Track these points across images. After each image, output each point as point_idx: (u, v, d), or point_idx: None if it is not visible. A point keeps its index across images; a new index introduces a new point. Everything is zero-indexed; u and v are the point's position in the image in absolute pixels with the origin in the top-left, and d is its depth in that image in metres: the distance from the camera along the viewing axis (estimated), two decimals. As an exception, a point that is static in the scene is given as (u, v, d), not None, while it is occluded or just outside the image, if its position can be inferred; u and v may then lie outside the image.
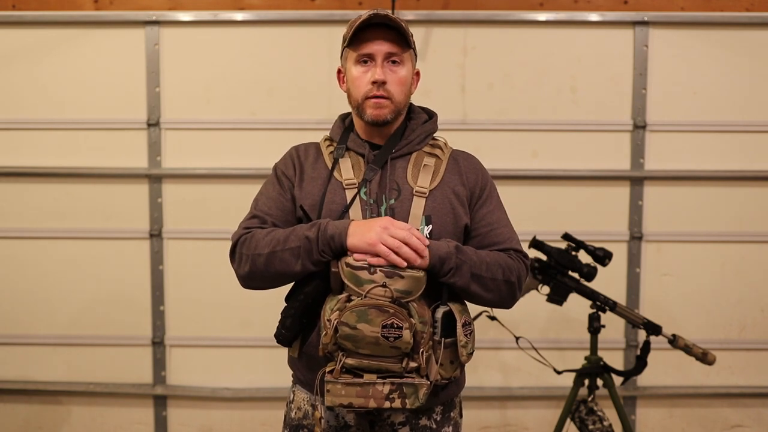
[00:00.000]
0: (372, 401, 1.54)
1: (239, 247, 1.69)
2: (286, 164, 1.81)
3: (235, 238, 1.71)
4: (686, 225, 3.39)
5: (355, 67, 1.74)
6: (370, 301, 1.53)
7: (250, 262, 1.66)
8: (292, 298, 1.69)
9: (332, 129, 1.86)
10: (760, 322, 3.45)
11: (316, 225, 1.62)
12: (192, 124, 3.36)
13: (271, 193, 1.78)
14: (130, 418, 3.51)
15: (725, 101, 3.36)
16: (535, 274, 2.76)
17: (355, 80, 1.74)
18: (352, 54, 1.75)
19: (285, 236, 1.64)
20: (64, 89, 3.36)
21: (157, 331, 3.43)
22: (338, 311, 1.54)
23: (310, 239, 1.60)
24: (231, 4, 3.36)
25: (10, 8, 3.37)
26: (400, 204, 1.72)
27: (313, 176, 1.76)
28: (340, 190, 1.73)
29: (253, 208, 1.77)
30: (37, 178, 3.39)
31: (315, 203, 1.72)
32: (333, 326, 1.53)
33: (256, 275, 1.68)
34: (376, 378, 1.55)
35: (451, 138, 3.43)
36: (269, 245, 1.65)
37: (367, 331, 1.52)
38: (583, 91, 3.35)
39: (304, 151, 1.83)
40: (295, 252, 1.62)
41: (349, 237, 1.58)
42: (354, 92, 1.75)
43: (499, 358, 3.45)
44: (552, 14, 3.32)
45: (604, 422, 2.79)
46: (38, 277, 3.43)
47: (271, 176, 1.82)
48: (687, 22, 3.32)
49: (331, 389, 1.54)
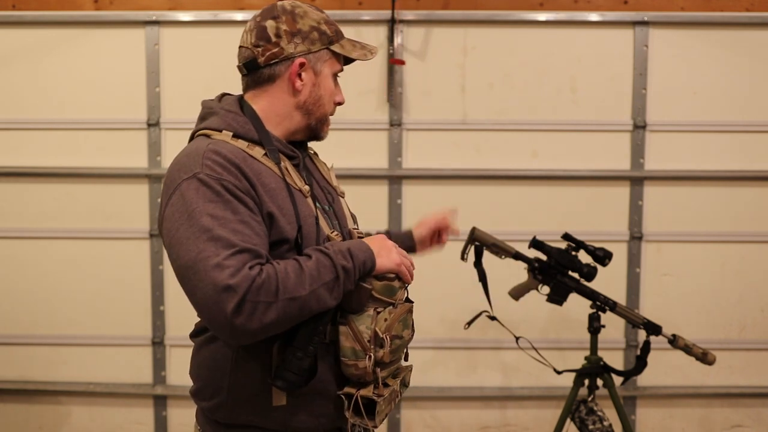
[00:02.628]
0: (392, 404, 1.55)
1: (253, 295, 1.31)
2: (231, 175, 1.42)
3: (242, 283, 1.31)
4: (686, 225, 3.39)
5: (332, 80, 1.62)
6: (406, 306, 1.55)
7: (279, 310, 1.34)
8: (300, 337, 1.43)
9: (230, 123, 1.55)
10: (760, 322, 3.45)
11: (342, 252, 1.44)
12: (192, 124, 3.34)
13: (234, 216, 1.38)
14: (130, 418, 3.50)
15: (725, 101, 3.36)
16: (535, 274, 2.76)
17: (330, 94, 1.61)
18: (335, 64, 1.61)
19: (315, 270, 1.40)
20: (64, 89, 3.36)
21: (157, 331, 3.43)
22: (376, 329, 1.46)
23: (347, 269, 1.42)
24: (231, 4, 3.36)
25: (10, 8, 3.37)
26: (337, 207, 1.65)
27: (270, 187, 1.48)
28: (303, 201, 1.53)
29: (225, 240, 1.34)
30: (37, 178, 3.39)
31: (293, 220, 1.48)
32: (388, 343, 1.46)
33: (281, 324, 1.37)
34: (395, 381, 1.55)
35: (452, 138, 3.47)
36: (303, 285, 1.37)
37: (407, 336, 1.54)
38: (583, 91, 3.35)
39: (235, 155, 1.46)
40: (331, 285, 1.41)
41: (377, 259, 1.49)
42: (327, 105, 1.61)
43: (499, 358, 3.45)
44: (552, 14, 3.32)
45: (604, 422, 2.78)
46: (38, 277, 3.43)
47: (210, 193, 1.39)
48: (687, 22, 3.32)
49: (380, 409, 1.47)
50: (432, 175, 3.36)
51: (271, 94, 1.59)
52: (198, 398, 1.58)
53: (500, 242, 2.67)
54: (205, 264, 1.33)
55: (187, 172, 1.43)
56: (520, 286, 2.79)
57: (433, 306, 3.40)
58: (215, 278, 1.31)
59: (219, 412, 1.53)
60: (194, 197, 1.39)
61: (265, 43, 1.56)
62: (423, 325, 3.42)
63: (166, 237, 1.44)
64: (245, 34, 1.60)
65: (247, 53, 1.60)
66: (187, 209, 1.39)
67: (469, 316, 2.73)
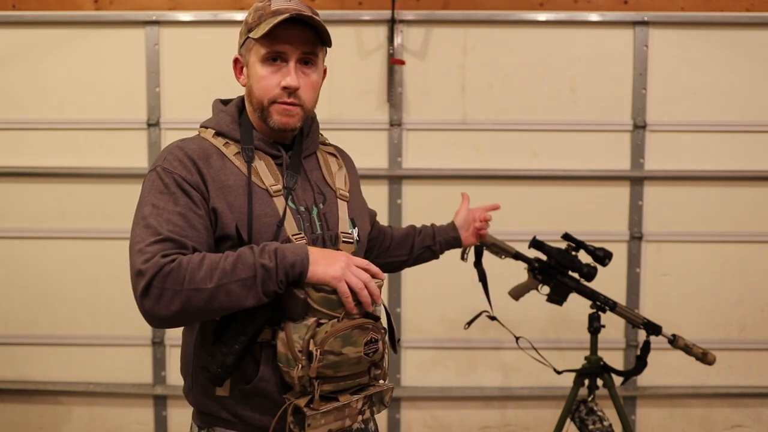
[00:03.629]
0: (347, 420, 1.47)
1: (159, 281, 1.37)
2: (185, 170, 1.48)
3: (150, 269, 1.38)
4: (686, 225, 3.39)
5: (262, 66, 1.55)
6: (352, 322, 1.43)
7: (183, 299, 1.37)
8: (229, 333, 1.44)
9: (218, 122, 1.62)
10: (760, 322, 3.45)
11: (268, 251, 1.41)
12: (192, 124, 3.31)
13: (174, 208, 1.44)
14: (130, 418, 3.50)
15: (725, 101, 3.36)
16: (535, 274, 2.76)
17: (262, 80, 1.55)
18: (259, 48, 1.54)
19: (231, 266, 1.39)
20: (64, 89, 3.36)
21: (157, 331, 3.43)
22: (312, 339, 1.40)
23: (267, 268, 1.39)
24: (231, 4, 3.36)
25: (10, 8, 3.37)
26: (328, 209, 1.62)
27: (227, 184, 1.50)
28: (267, 200, 1.52)
29: (154, 228, 1.42)
30: (37, 178, 3.39)
31: (243, 217, 1.48)
32: (317, 357, 1.38)
33: (189, 313, 1.39)
34: (351, 397, 1.47)
35: (452, 138, 3.46)
36: (212, 278, 1.37)
37: (351, 354, 1.42)
38: (583, 91, 3.35)
39: (198, 151, 1.52)
40: (247, 283, 1.38)
41: (311, 265, 1.41)
42: (258, 93, 1.56)
43: (499, 358, 3.45)
44: (552, 14, 3.32)
45: (604, 422, 2.78)
46: (38, 277, 3.43)
47: (161, 184, 1.47)
48: (687, 22, 3.32)
49: (312, 422, 1.40)
50: (432, 175, 3.36)
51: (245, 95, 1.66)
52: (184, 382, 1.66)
53: (500, 242, 2.67)
54: (133, 248, 1.45)
55: (153, 165, 1.55)
56: (520, 286, 2.79)
57: (433, 306, 3.40)
58: (134, 262, 1.43)
59: (190, 397, 1.62)
60: (149, 188, 1.51)
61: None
62: (423, 325, 3.44)
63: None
64: None
65: None
66: (141, 198, 1.52)
67: (469, 316, 2.73)
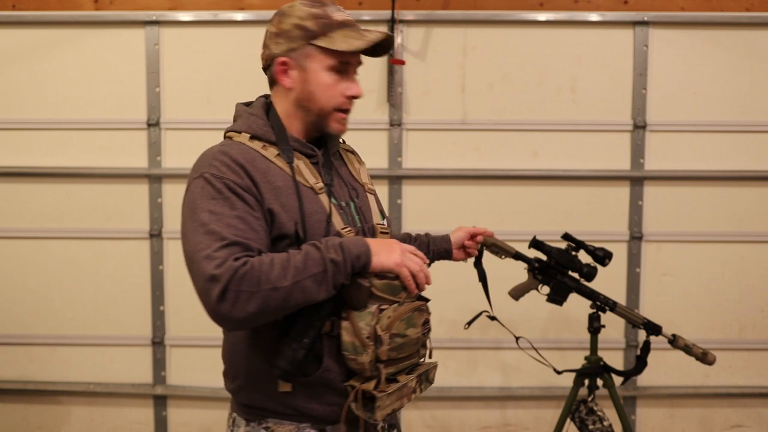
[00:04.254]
0: (405, 399, 1.57)
1: (235, 284, 1.39)
2: (234, 174, 1.51)
3: (225, 273, 1.40)
4: (686, 225, 3.39)
5: (328, 74, 1.61)
6: (412, 305, 1.55)
7: (260, 300, 1.41)
8: (296, 329, 1.50)
9: (250, 125, 1.64)
10: (760, 322, 3.45)
11: (333, 246, 1.48)
12: (192, 124, 3.37)
13: (232, 212, 1.48)
14: (130, 418, 3.50)
15: (725, 101, 3.36)
16: (535, 274, 2.76)
17: (329, 88, 1.61)
18: (325, 58, 1.60)
19: (302, 263, 1.44)
20: (64, 89, 3.36)
21: (157, 331, 3.43)
22: (377, 325, 1.49)
23: (336, 262, 1.46)
24: (231, 4, 3.36)
25: (10, 8, 3.37)
26: (362, 202, 1.70)
27: (276, 185, 1.55)
28: (313, 197, 1.59)
29: (218, 233, 1.44)
30: (37, 178, 3.39)
31: (297, 217, 1.54)
32: (386, 341, 1.49)
33: (266, 313, 1.43)
34: (408, 377, 1.57)
35: (451, 138, 3.47)
36: (286, 276, 1.42)
37: (413, 335, 1.54)
38: (583, 91, 3.35)
39: (243, 155, 1.55)
40: (319, 278, 1.45)
41: (374, 255, 1.51)
42: (323, 100, 1.61)
43: (499, 358, 3.45)
44: (552, 14, 3.32)
45: (604, 422, 2.78)
46: (38, 277, 3.43)
47: (212, 190, 1.50)
48: (687, 22, 3.32)
49: (380, 404, 1.50)
50: (432, 175, 3.36)
51: (276, 95, 1.67)
52: (226, 380, 1.69)
53: (500, 242, 2.66)
54: (198, 255, 1.44)
55: (197, 172, 1.55)
56: (520, 286, 2.79)
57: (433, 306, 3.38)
58: (204, 268, 1.42)
59: (240, 395, 1.64)
60: (199, 195, 1.50)
61: (263, 48, 1.66)
62: (423, 325, 3.44)
63: (181, 231, 1.55)
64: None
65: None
66: (192, 205, 1.51)
67: (469, 316, 2.73)
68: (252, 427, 1.62)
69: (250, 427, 1.63)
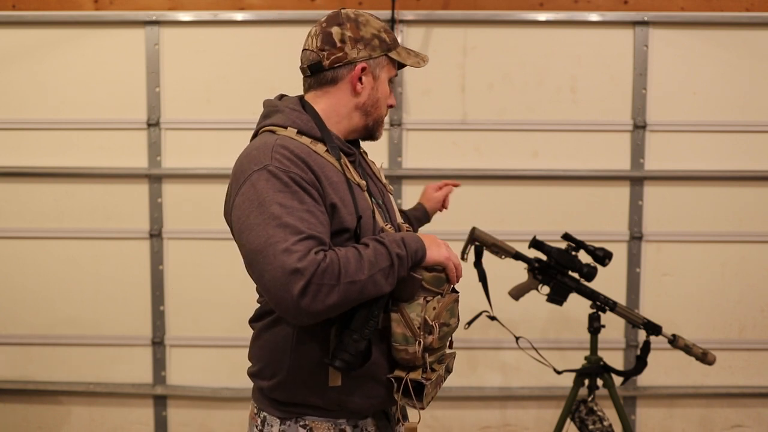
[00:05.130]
0: (438, 387, 1.63)
1: (318, 278, 1.41)
2: (298, 168, 1.53)
3: (309, 266, 1.41)
4: (686, 225, 3.39)
5: (388, 84, 1.73)
6: (453, 296, 1.62)
7: (341, 293, 1.44)
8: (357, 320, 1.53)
9: (295, 120, 1.65)
10: (760, 322, 3.45)
11: (396, 241, 1.53)
12: (192, 124, 3.37)
13: (301, 206, 1.49)
14: (130, 418, 3.51)
15: (725, 101, 3.36)
16: (535, 274, 2.76)
17: (386, 97, 1.73)
18: (391, 68, 1.72)
19: (373, 257, 1.49)
20: (64, 89, 3.36)
21: (157, 331, 3.43)
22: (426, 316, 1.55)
23: (401, 257, 1.51)
24: (231, 4, 3.36)
25: (10, 8, 3.37)
26: (387, 202, 1.77)
27: (333, 180, 1.59)
28: (361, 194, 1.64)
29: (294, 226, 1.45)
30: (37, 178, 3.39)
31: (354, 212, 1.59)
32: (437, 330, 1.55)
33: (342, 306, 1.46)
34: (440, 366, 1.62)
35: (451, 138, 3.46)
36: (362, 270, 1.47)
37: (454, 324, 1.62)
38: (583, 91, 3.35)
39: (301, 149, 1.58)
40: (387, 272, 1.50)
41: (428, 250, 1.58)
42: (383, 107, 1.73)
43: (499, 358, 3.45)
44: (552, 14, 3.32)
45: (604, 422, 2.79)
46: (38, 277, 3.43)
47: (279, 184, 1.51)
48: (687, 22, 3.32)
49: (427, 392, 1.57)
50: (432, 175, 3.36)
51: (333, 95, 1.68)
52: (258, 378, 1.67)
53: (500, 242, 2.67)
54: (274, 248, 1.42)
55: (258, 164, 1.53)
56: (520, 286, 2.79)
57: (433, 306, 3.39)
58: (284, 262, 1.41)
59: (278, 391, 1.63)
60: (265, 187, 1.50)
61: (330, 48, 1.65)
62: (423, 325, 3.43)
63: (236, 223, 1.53)
64: (310, 38, 1.69)
65: (312, 56, 1.68)
66: (258, 198, 1.49)
67: (469, 316, 2.73)
68: (288, 426, 1.63)
69: (285, 426, 1.63)
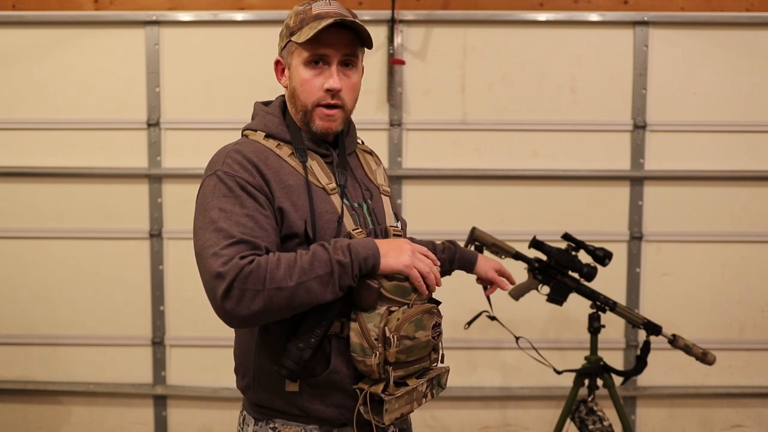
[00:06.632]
0: (415, 404, 1.55)
1: (240, 282, 1.40)
2: (246, 172, 1.52)
3: (230, 271, 1.40)
4: (686, 225, 3.39)
5: (305, 69, 1.58)
6: (421, 307, 1.53)
7: (265, 299, 1.41)
8: (303, 329, 1.50)
9: (266, 124, 1.64)
10: (760, 322, 3.45)
11: (341, 247, 1.47)
12: (192, 124, 3.37)
13: (242, 210, 1.48)
14: (130, 418, 3.51)
15: (725, 101, 3.36)
16: (535, 274, 2.76)
17: (305, 83, 1.58)
18: (302, 52, 1.58)
19: (308, 264, 1.44)
20: (64, 89, 3.36)
21: (157, 331, 3.43)
22: (386, 327, 1.48)
23: (343, 264, 1.45)
24: (231, 4, 3.36)
25: (10, 8, 3.37)
26: (376, 204, 1.69)
27: (288, 184, 1.55)
28: (325, 198, 1.58)
29: (226, 231, 1.45)
30: (37, 178, 3.39)
31: (308, 216, 1.54)
32: (395, 343, 1.47)
33: (270, 312, 1.43)
34: (417, 381, 1.55)
35: (451, 138, 3.46)
36: (291, 276, 1.42)
37: (422, 337, 1.52)
38: (583, 91, 3.35)
39: (256, 153, 1.56)
40: (325, 279, 1.43)
41: (383, 257, 1.49)
42: (302, 96, 1.60)
43: (499, 358, 3.45)
44: (552, 14, 3.32)
45: (604, 422, 2.79)
46: (38, 277, 3.43)
47: (224, 188, 1.50)
48: (687, 22, 3.32)
49: (389, 407, 1.48)
50: (432, 175, 3.36)
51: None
52: (237, 377, 1.68)
53: (500, 242, 2.67)
54: (206, 252, 1.45)
55: (210, 170, 1.56)
56: (520, 286, 2.79)
57: (433, 306, 3.39)
58: (211, 265, 1.42)
59: (249, 392, 1.64)
60: (211, 192, 1.52)
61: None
62: (423, 325, 3.43)
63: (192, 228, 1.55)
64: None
65: None
66: (204, 202, 1.52)
67: (469, 316, 2.73)
68: (260, 427, 1.62)
69: (258, 427, 1.62)
